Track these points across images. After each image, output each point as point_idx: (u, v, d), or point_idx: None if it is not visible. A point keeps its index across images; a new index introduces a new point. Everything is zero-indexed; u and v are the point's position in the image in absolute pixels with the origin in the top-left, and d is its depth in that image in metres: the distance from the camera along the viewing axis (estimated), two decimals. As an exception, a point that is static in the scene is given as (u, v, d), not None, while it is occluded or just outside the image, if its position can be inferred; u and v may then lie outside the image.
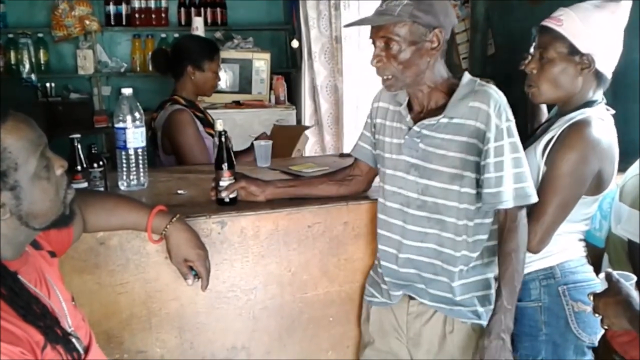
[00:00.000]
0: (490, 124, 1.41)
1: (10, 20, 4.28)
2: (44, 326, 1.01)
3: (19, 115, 1.04)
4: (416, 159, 1.49)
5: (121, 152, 1.78)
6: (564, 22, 1.54)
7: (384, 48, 1.42)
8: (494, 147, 1.41)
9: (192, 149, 2.37)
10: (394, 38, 1.40)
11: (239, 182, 1.64)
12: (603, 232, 1.75)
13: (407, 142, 1.50)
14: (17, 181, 1.01)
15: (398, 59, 1.41)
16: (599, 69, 1.55)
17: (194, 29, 4.00)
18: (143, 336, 1.58)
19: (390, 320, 1.61)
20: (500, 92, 1.46)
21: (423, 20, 1.39)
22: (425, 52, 1.43)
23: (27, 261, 1.10)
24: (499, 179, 1.42)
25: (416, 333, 1.57)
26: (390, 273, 1.58)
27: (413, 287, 1.55)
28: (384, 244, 1.58)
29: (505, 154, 1.42)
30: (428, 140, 1.47)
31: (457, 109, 1.44)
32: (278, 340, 1.71)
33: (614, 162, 1.57)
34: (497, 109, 1.41)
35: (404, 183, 1.51)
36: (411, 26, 1.39)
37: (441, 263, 1.50)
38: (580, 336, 1.58)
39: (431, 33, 1.41)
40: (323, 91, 4.14)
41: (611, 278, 1.27)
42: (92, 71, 4.36)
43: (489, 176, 1.42)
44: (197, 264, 1.43)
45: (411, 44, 1.41)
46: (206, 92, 2.58)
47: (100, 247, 1.51)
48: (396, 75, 1.44)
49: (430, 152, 1.46)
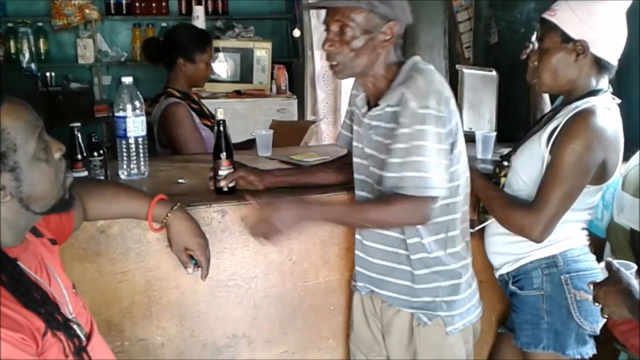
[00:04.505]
0: (406, 110, 1.35)
1: (9, 9, 4.27)
2: (45, 313, 1.01)
3: (13, 98, 1.04)
4: (370, 149, 1.48)
5: (121, 141, 1.77)
6: (557, 11, 1.55)
7: (338, 33, 1.41)
8: (401, 133, 1.35)
9: (188, 141, 2.35)
10: (349, 24, 1.39)
11: (238, 171, 1.64)
12: (604, 222, 1.75)
13: (363, 133, 1.50)
14: (16, 162, 1.01)
15: (350, 45, 1.40)
16: (597, 54, 1.54)
17: (194, 17, 3.98)
18: (144, 324, 1.58)
19: (369, 305, 1.62)
20: (437, 76, 1.40)
21: (380, 10, 1.39)
22: (378, 43, 1.42)
23: (27, 248, 1.10)
24: (402, 165, 1.35)
25: (388, 321, 1.57)
26: (358, 262, 1.58)
27: (375, 281, 1.55)
28: (357, 233, 1.58)
29: (413, 140, 1.34)
30: (378, 131, 1.45)
31: (395, 96, 1.40)
32: (279, 329, 1.71)
33: (619, 152, 1.56)
34: (418, 93, 1.35)
35: (367, 171, 1.51)
36: (367, 14, 1.39)
37: (403, 252, 1.49)
38: (582, 325, 1.59)
39: (386, 25, 1.41)
40: (320, 80, 4.12)
41: (611, 267, 1.27)
42: (92, 60, 4.35)
43: (388, 160, 1.37)
44: (198, 253, 1.43)
45: (365, 32, 1.40)
46: (198, 82, 2.55)
47: (100, 235, 1.51)
48: (345, 62, 1.42)
49: (380, 142, 1.45)
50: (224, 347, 1.67)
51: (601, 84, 1.59)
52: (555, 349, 1.61)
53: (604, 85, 1.59)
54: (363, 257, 1.58)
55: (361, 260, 1.59)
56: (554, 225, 1.52)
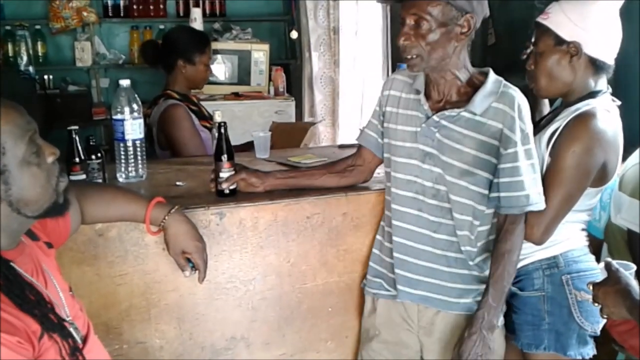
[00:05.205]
0: (515, 128, 1.42)
1: (7, 12, 4.25)
2: (39, 314, 1.01)
3: (6, 101, 1.03)
4: (431, 148, 1.48)
5: (119, 143, 1.77)
6: (550, 15, 1.56)
7: (414, 27, 1.40)
8: (523, 151, 1.42)
9: (187, 143, 2.35)
10: (425, 17, 1.38)
11: (240, 173, 1.64)
12: (602, 223, 1.75)
13: (423, 131, 1.49)
14: (5, 165, 1.01)
15: (427, 39, 1.40)
16: (591, 55, 1.54)
17: (192, 20, 3.98)
18: (142, 327, 1.58)
19: (399, 310, 1.60)
20: (523, 95, 1.46)
21: (457, 3, 1.38)
22: (454, 36, 1.41)
23: (23, 251, 1.10)
24: (530, 182, 1.44)
25: (428, 322, 1.57)
26: (403, 265, 1.56)
27: (423, 284, 1.55)
28: (398, 235, 1.56)
29: (533, 157, 1.44)
30: (445, 132, 1.46)
31: (481, 105, 1.43)
32: (277, 331, 1.71)
33: (619, 154, 1.57)
34: (520, 114, 1.42)
35: (420, 171, 1.50)
36: (444, 7, 1.38)
37: (453, 254, 1.51)
38: (583, 325, 1.59)
39: (463, 17, 1.40)
40: (317, 82, 4.13)
41: (611, 267, 1.27)
42: (90, 63, 4.35)
43: (519, 179, 1.43)
44: (195, 256, 1.43)
45: (441, 25, 1.39)
46: (198, 85, 2.55)
47: (99, 238, 1.51)
48: (422, 56, 1.42)
49: (446, 143, 1.46)
50: (222, 349, 1.66)
51: (600, 85, 1.59)
52: (556, 349, 1.61)
53: (603, 86, 1.59)
54: (409, 261, 1.55)
55: (407, 265, 1.56)
56: (554, 227, 1.52)
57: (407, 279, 1.56)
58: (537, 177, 1.46)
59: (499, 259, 1.46)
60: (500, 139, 1.43)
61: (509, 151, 1.42)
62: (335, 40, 4.04)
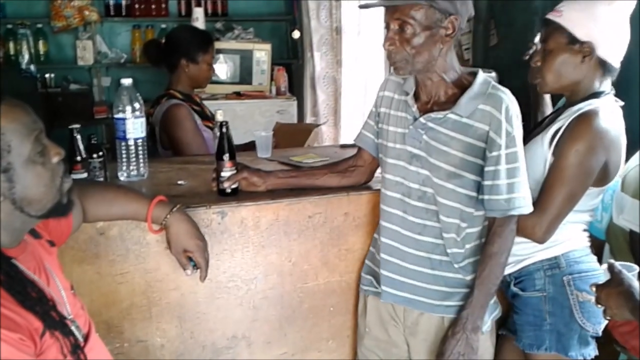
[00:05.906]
0: (501, 131, 1.40)
1: (9, 10, 4.27)
2: (41, 311, 1.01)
3: (13, 100, 1.03)
4: (418, 150, 1.48)
5: (121, 142, 1.77)
6: (563, 12, 1.55)
7: (398, 31, 1.40)
8: (505, 154, 1.41)
9: (190, 143, 2.35)
10: (409, 21, 1.38)
11: (241, 172, 1.64)
12: (604, 224, 1.75)
13: (411, 132, 1.49)
14: (10, 163, 1.01)
15: (411, 43, 1.39)
16: (602, 56, 1.54)
17: (194, 19, 3.98)
18: (143, 326, 1.58)
19: (387, 308, 1.61)
20: (513, 97, 1.45)
21: (440, 5, 1.37)
22: (439, 38, 1.41)
23: (25, 249, 1.10)
24: (511, 186, 1.42)
25: (413, 322, 1.56)
26: (387, 266, 1.57)
27: (407, 285, 1.54)
28: (384, 236, 1.57)
29: (517, 161, 1.42)
30: (432, 134, 1.46)
31: (467, 108, 1.42)
32: (278, 330, 1.71)
33: (621, 154, 1.56)
34: (508, 116, 1.41)
35: (406, 173, 1.50)
36: (427, 10, 1.37)
37: (438, 257, 1.50)
38: (585, 326, 1.58)
39: (447, 19, 1.39)
40: (320, 82, 4.12)
41: (613, 269, 1.27)
42: (91, 62, 4.35)
43: (499, 183, 1.41)
44: (197, 255, 1.43)
45: (426, 28, 1.39)
46: (201, 84, 2.55)
47: (100, 237, 1.51)
48: (407, 60, 1.42)
49: (433, 145, 1.45)
50: (223, 348, 1.66)
51: (604, 86, 1.59)
52: (557, 350, 1.60)
53: (607, 87, 1.59)
54: (394, 262, 1.55)
55: (391, 266, 1.56)
56: (556, 226, 1.52)
57: (392, 280, 1.56)
58: (519, 181, 1.43)
59: (485, 261, 1.46)
60: (486, 141, 1.42)
61: (493, 154, 1.41)
62: (338, 40, 4.03)
